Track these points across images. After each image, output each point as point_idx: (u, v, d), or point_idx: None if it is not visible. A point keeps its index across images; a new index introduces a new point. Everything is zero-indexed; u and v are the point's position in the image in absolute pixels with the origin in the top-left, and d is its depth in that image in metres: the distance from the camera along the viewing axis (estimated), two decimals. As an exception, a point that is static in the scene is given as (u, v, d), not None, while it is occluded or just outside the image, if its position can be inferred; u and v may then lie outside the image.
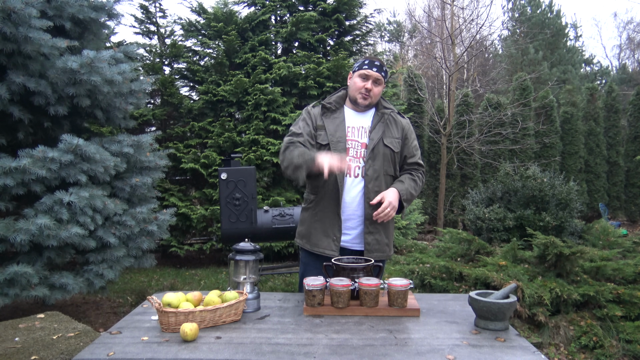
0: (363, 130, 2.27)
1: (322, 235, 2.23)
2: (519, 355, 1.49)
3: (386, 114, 2.32)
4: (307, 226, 2.31)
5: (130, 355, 1.49)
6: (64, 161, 3.17)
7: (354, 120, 2.30)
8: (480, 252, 4.21)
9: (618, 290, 3.41)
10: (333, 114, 2.30)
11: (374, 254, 2.23)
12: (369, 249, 2.24)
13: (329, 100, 2.33)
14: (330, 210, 2.22)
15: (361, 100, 2.26)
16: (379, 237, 2.25)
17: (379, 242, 2.26)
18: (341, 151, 2.20)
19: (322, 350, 1.52)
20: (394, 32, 21.59)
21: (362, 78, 2.25)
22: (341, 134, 2.24)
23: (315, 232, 2.26)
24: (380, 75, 2.24)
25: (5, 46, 3.09)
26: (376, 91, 2.26)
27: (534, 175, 5.18)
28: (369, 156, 2.22)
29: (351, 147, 2.24)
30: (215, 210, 5.92)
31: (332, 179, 2.19)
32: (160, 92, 6.67)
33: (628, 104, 11.92)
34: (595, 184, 11.05)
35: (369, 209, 2.20)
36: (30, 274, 3.03)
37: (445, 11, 10.05)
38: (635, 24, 24.29)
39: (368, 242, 2.23)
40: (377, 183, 2.23)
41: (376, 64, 2.24)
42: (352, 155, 2.23)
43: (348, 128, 2.27)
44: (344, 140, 2.23)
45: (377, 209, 2.16)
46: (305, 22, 6.66)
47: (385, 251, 2.30)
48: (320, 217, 2.25)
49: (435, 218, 9.22)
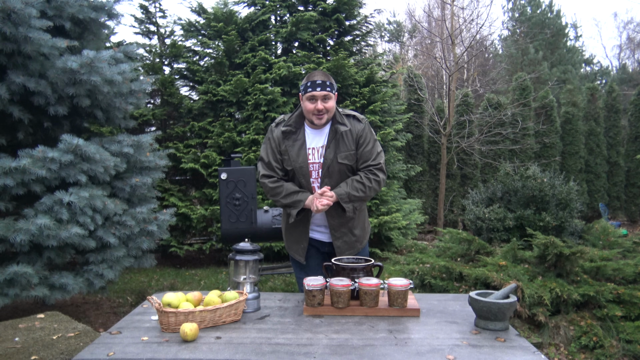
0: (322, 150, 2.37)
1: (293, 242, 2.48)
2: (519, 355, 1.49)
3: (339, 129, 2.34)
4: (284, 230, 2.57)
5: (130, 355, 1.49)
6: (64, 161, 3.17)
7: (313, 141, 2.38)
8: (480, 252, 4.21)
9: (618, 290, 3.41)
10: (294, 135, 2.37)
11: (346, 253, 2.41)
12: (340, 252, 2.41)
13: (288, 123, 2.38)
14: (302, 224, 2.42)
15: (317, 121, 2.32)
16: (346, 239, 2.42)
17: (347, 243, 2.42)
18: (305, 175, 2.36)
19: (322, 350, 1.52)
20: (394, 32, 21.59)
21: (309, 101, 2.29)
22: (303, 158, 2.35)
23: (289, 237, 2.51)
24: (326, 91, 2.27)
25: (5, 46, 3.09)
26: (328, 106, 2.30)
27: (534, 175, 5.18)
28: (324, 175, 2.35)
29: (312, 169, 2.38)
30: (215, 210, 5.92)
31: None
32: (160, 92, 6.67)
33: (629, 104, 11.91)
34: (595, 184, 11.05)
35: (331, 220, 2.38)
36: (30, 274, 3.03)
37: (445, 11, 10.06)
38: (635, 24, 24.32)
39: (337, 245, 2.41)
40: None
41: (318, 82, 2.27)
42: (314, 177, 2.37)
43: (308, 150, 2.37)
44: (306, 164, 2.35)
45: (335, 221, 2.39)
46: (305, 22, 6.66)
47: (356, 247, 2.45)
48: (292, 227, 2.46)
49: (435, 218, 9.22)
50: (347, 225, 2.40)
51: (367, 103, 6.78)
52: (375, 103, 6.77)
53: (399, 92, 10.05)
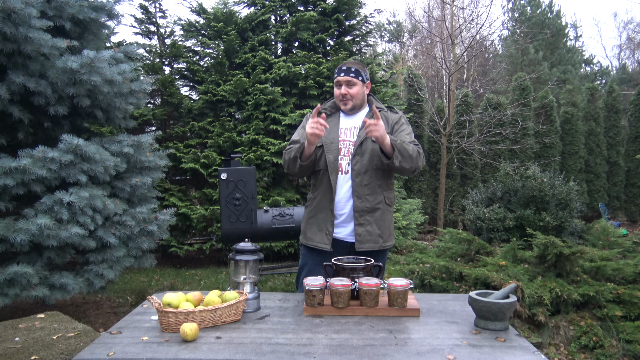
0: (355, 130, 2.39)
1: (317, 230, 2.37)
2: (519, 355, 1.49)
3: (376, 112, 2.34)
4: (305, 223, 2.48)
5: (130, 355, 1.49)
6: (64, 161, 3.17)
7: (347, 122, 2.42)
8: (480, 252, 4.21)
9: (618, 290, 3.41)
10: (328, 118, 2.40)
11: (366, 245, 2.31)
12: (360, 240, 2.31)
13: (324, 106, 2.45)
14: (324, 206, 2.36)
15: (343, 106, 2.39)
16: (369, 229, 2.32)
17: (370, 234, 2.32)
18: (334, 151, 2.34)
19: (322, 350, 1.52)
20: (394, 32, 21.58)
21: (336, 86, 2.38)
22: (334, 135, 2.37)
23: (311, 228, 2.41)
24: (350, 76, 2.33)
25: (5, 46, 3.09)
26: (353, 92, 2.35)
27: (534, 175, 5.18)
28: (355, 152, 2.32)
29: (343, 146, 2.36)
30: (215, 210, 5.92)
31: (327, 178, 2.35)
32: (160, 92, 6.68)
33: (629, 103, 11.91)
34: (595, 184, 11.05)
35: (358, 202, 2.30)
36: (30, 274, 3.03)
37: (445, 11, 10.05)
38: (635, 24, 24.30)
39: (358, 233, 2.31)
40: (365, 177, 2.31)
41: (343, 68, 2.35)
42: (344, 154, 2.35)
43: (341, 130, 2.40)
44: (336, 141, 2.36)
45: (362, 204, 2.30)
46: (305, 22, 6.66)
47: (379, 242, 2.34)
48: (315, 214, 2.40)
49: (435, 218, 9.22)
50: (373, 215, 2.32)
51: (367, 103, 6.77)
52: (375, 103, 6.76)
53: (399, 92, 10.05)
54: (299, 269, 2.51)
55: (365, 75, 2.40)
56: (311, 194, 2.47)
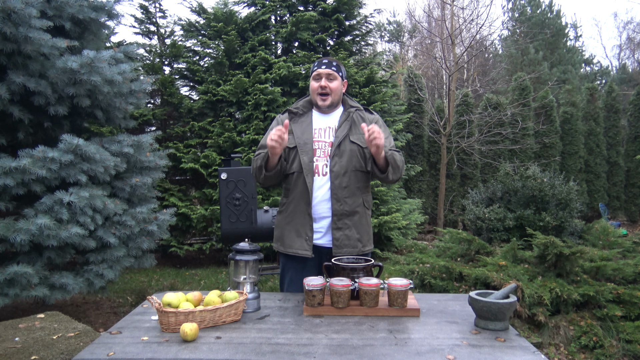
0: (330, 130, 2.29)
1: (295, 236, 2.25)
2: (519, 355, 1.49)
3: (352, 112, 2.32)
4: (281, 229, 2.33)
5: (130, 355, 1.49)
6: (64, 161, 3.17)
7: (321, 122, 2.32)
8: (480, 252, 4.21)
9: (618, 290, 3.41)
10: (301, 118, 2.33)
11: (343, 250, 2.22)
12: (338, 245, 2.22)
13: (295, 105, 2.36)
14: (301, 210, 2.24)
15: (321, 102, 2.28)
16: (348, 233, 2.23)
17: (349, 238, 2.23)
18: (308, 152, 2.23)
19: (322, 350, 1.52)
20: (394, 32, 21.58)
21: (315, 79, 2.29)
22: (308, 136, 2.26)
23: (289, 234, 2.27)
24: (331, 70, 2.26)
25: (5, 46, 3.09)
26: (332, 86, 2.26)
27: (534, 175, 5.18)
28: (334, 153, 2.22)
29: (318, 147, 2.26)
30: (215, 210, 5.92)
31: (302, 181, 2.23)
32: (160, 92, 6.68)
33: (628, 103, 11.92)
34: (595, 184, 11.05)
35: (336, 205, 2.21)
36: (30, 274, 3.03)
37: (445, 11, 10.06)
38: (635, 24, 24.28)
39: (336, 237, 2.22)
40: (344, 179, 2.22)
41: (324, 61, 2.28)
42: (319, 155, 2.25)
43: (315, 130, 2.29)
44: (310, 141, 2.25)
45: (341, 207, 2.20)
46: (305, 22, 6.66)
47: (357, 246, 2.26)
48: (292, 219, 2.27)
49: (435, 218, 9.22)
50: (352, 218, 2.24)
51: (367, 103, 6.78)
52: (375, 103, 6.77)
53: (399, 92, 10.05)
54: (280, 278, 2.39)
55: (344, 73, 2.35)
56: (285, 198, 2.33)
